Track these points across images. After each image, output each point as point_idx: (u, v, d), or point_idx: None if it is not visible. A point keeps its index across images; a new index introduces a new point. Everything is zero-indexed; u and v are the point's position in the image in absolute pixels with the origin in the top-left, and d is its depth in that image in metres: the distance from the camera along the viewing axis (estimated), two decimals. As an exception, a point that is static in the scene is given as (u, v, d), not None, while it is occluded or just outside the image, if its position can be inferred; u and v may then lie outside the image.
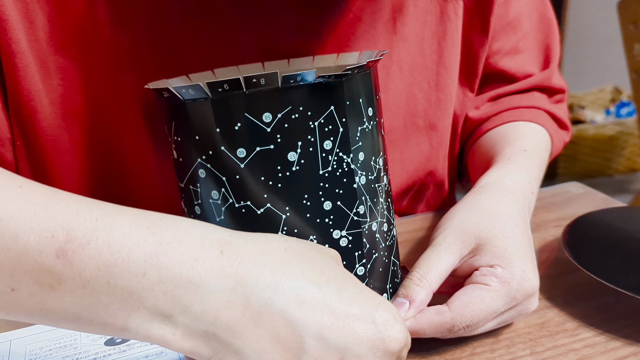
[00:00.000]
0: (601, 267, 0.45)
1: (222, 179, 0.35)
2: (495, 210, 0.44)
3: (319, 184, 0.35)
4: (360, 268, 0.38)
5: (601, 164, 2.53)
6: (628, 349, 0.41)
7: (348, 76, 0.35)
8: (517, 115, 0.61)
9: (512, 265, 0.40)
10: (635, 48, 1.38)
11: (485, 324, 0.40)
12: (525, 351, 0.41)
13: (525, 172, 0.51)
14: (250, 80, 0.32)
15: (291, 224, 0.35)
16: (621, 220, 0.54)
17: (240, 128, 0.33)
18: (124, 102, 0.45)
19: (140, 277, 0.28)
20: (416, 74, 0.54)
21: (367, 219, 0.37)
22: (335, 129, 0.35)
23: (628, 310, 0.45)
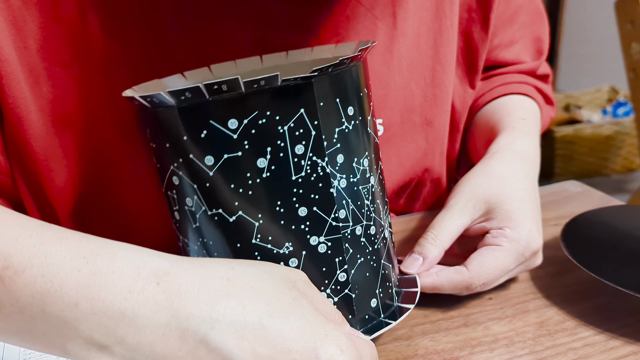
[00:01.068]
0: (600, 266, 0.44)
1: (193, 186, 0.34)
2: (505, 175, 0.48)
3: (292, 190, 0.34)
4: (342, 274, 0.37)
5: (598, 163, 2.53)
6: (628, 347, 0.40)
7: (319, 76, 0.33)
8: (509, 89, 0.63)
9: (520, 226, 0.44)
10: (633, 47, 1.38)
11: (498, 280, 0.44)
12: (524, 350, 0.40)
13: (530, 138, 0.55)
14: (212, 87, 0.31)
15: (265, 231, 0.34)
16: (620, 218, 0.54)
17: (206, 136, 0.33)
18: (117, 107, 0.45)
19: (73, 307, 0.28)
20: (413, 70, 0.54)
21: (349, 223, 0.36)
22: (306, 133, 0.33)
23: (628, 309, 0.45)
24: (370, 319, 0.39)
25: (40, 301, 0.28)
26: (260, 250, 0.35)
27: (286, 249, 0.35)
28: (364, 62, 0.38)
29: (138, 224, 0.48)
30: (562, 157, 2.48)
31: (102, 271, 0.29)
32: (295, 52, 0.44)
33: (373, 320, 0.39)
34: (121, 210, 0.48)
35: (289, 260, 0.35)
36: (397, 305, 0.41)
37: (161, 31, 0.44)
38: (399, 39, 0.53)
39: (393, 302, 0.41)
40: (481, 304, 0.46)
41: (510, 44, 0.65)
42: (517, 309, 0.45)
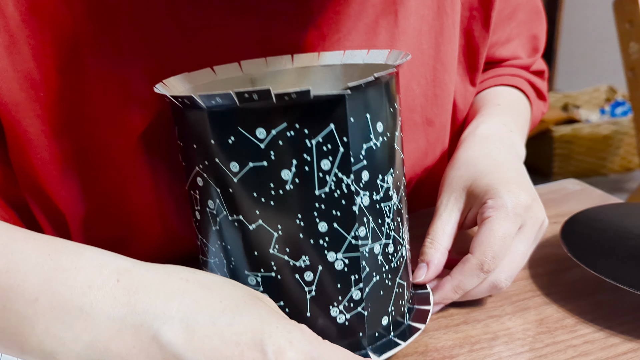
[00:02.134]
0: (600, 263, 0.44)
1: (216, 190, 0.34)
2: (471, 158, 0.49)
3: (314, 204, 0.34)
4: (357, 292, 0.36)
5: (596, 163, 2.54)
6: (628, 345, 0.40)
7: (352, 92, 0.33)
8: (499, 80, 0.64)
9: (497, 192, 0.44)
10: (631, 46, 1.38)
11: (510, 250, 0.43)
12: (524, 347, 0.40)
13: (498, 118, 0.56)
14: (243, 95, 0.31)
15: (283, 242, 0.34)
16: (618, 216, 0.54)
17: (233, 142, 0.32)
18: (113, 110, 0.44)
19: (33, 302, 0.29)
20: (414, 69, 0.54)
21: (368, 242, 0.36)
22: (334, 149, 0.33)
23: (627, 306, 0.45)
24: (379, 336, 0.39)
25: (2, 296, 0.28)
26: (276, 260, 0.35)
27: (303, 262, 0.35)
28: (397, 75, 0.37)
29: (138, 224, 0.48)
30: (560, 156, 2.49)
31: (64, 267, 0.29)
32: (302, 56, 0.44)
33: (382, 337, 0.39)
34: (122, 212, 0.48)
35: (304, 274, 0.35)
36: (408, 323, 0.41)
37: (156, 32, 0.44)
38: (400, 37, 0.52)
39: (404, 319, 0.41)
40: (481, 302, 0.46)
41: (507, 41, 0.65)
42: (517, 307, 0.45)
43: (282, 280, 0.35)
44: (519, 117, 0.60)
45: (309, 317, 0.36)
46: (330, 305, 0.36)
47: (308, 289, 0.35)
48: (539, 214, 0.45)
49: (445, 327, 0.43)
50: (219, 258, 0.37)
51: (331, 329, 0.37)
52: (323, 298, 0.36)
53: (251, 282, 0.36)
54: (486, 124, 0.55)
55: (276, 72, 0.44)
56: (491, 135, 0.53)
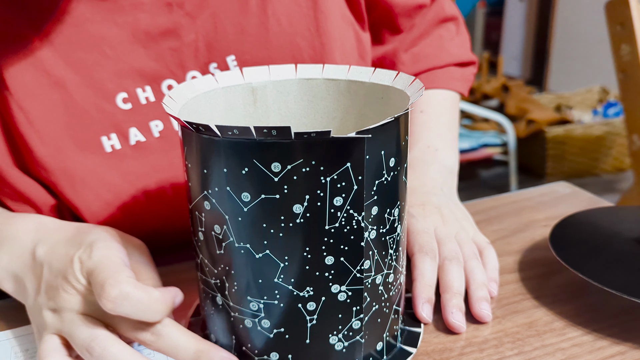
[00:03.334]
0: (589, 267, 0.45)
1: (225, 216, 0.34)
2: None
3: (323, 238, 0.34)
4: (357, 322, 0.37)
5: (589, 163, 2.55)
6: (615, 348, 0.41)
7: (373, 132, 0.33)
8: (425, 81, 0.65)
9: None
10: (623, 48, 1.39)
11: (440, 234, 0.49)
12: (513, 351, 0.41)
13: (422, 142, 0.60)
14: (262, 130, 0.31)
15: (288, 272, 0.35)
16: (608, 220, 0.54)
17: (247, 173, 0.33)
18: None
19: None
20: (295, 23, 0.53)
21: (371, 273, 0.36)
22: (348, 186, 0.33)
23: (615, 310, 0.45)
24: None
25: None
26: (280, 289, 0.35)
27: (306, 293, 0.35)
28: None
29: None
30: (553, 157, 2.50)
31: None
32: (305, 67, 0.44)
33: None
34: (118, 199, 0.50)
35: (307, 304, 0.35)
36: (400, 346, 0.41)
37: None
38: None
39: (397, 342, 0.41)
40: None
41: None
42: (507, 310, 0.46)
43: (284, 308, 0.36)
44: (441, 117, 0.63)
45: (308, 343, 0.36)
46: (330, 334, 0.37)
47: (309, 318, 0.36)
48: (434, 199, 0.53)
49: (435, 330, 0.44)
50: (220, 281, 0.37)
51: (329, 355, 0.37)
52: (324, 327, 0.36)
53: (253, 308, 0.36)
54: (411, 150, 0.59)
55: (278, 82, 0.44)
56: (413, 162, 0.59)
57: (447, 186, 0.58)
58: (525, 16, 3.91)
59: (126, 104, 0.48)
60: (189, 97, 0.40)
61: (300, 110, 0.45)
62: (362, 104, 0.43)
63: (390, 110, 0.41)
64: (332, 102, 0.44)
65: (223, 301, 0.38)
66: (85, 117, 0.47)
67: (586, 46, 3.33)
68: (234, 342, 0.38)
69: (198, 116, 0.41)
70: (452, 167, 0.60)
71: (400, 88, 0.40)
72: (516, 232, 0.58)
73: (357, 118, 0.44)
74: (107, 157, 0.48)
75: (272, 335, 0.36)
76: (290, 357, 0.37)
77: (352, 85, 0.43)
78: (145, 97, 0.49)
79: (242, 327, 0.37)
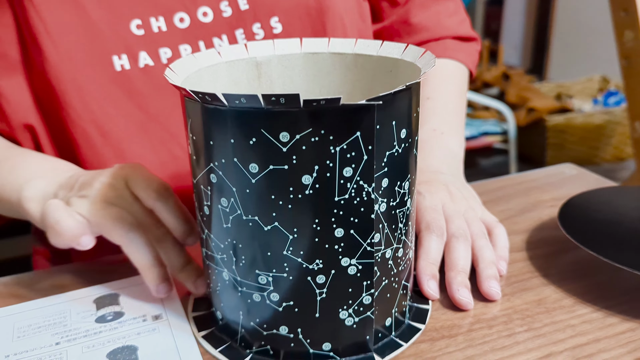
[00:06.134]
0: (598, 244, 0.44)
1: (232, 189, 0.34)
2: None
3: (332, 210, 0.33)
4: (367, 297, 0.36)
5: (589, 152, 2.55)
6: (625, 324, 0.41)
7: (383, 100, 0.32)
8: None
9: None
10: (626, 35, 1.38)
11: (448, 210, 0.48)
12: (522, 327, 0.40)
13: (428, 125, 0.59)
14: (269, 98, 0.30)
15: (298, 245, 0.34)
16: (615, 199, 0.54)
17: (255, 143, 0.32)
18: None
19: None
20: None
21: (381, 247, 0.36)
22: (358, 156, 0.32)
23: (625, 287, 0.45)
24: (382, 336, 0.39)
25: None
26: (289, 262, 0.34)
27: (316, 265, 0.34)
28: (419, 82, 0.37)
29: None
30: (554, 145, 2.49)
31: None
32: (311, 40, 0.43)
33: (384, 337, 0.39)
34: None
35: (317, 277, 0.35)
36: (407, 322, 0.41)
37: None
38: None
39: (404, 318, 0.41)
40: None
41: None
42: (515, 287, 0.45)
43: (293, 281, 0.35)
44: (448, 104, 0.62)
45: (317, 317, 0.36)
46: (340, 309, 0.36)
47: (319, 292, 0.35)
48: (441, 177, 0.52)
49: (444, 307, 0.43)
50: (227, 255, 0.36)
51: (339, 330, 0.37)
52: (333, 301, 0.36)
53: (261, 281, 0.35)
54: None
55: (283, 56, 0.43)
56: (419, 145, 0.57)
57: (455, 167, 0.57)
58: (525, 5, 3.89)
59: (139, 30, 0.51)
60: (192, 70, 0.39)
61: (306, 85, 0.44)
62: (369, 78, 0.43)
63: (400, 84, 0.40)
64: (339, 76, 0.44)
65: (230, 276, 0.37)
66: (99, 35, 0.50)
67: (587, 35, 3.32)
68: (242, 318, 0.38)
69: (201, 89, 0.40)
70: (457, 151, 0.59)
71: (410, 60, 0.39)
72: (523, 212, 0.58)
73: (365, 93, 0.43)
74: (115, 75, 0.51)
75: (281, 308, 0.36)
76: (299, 331, 0.36)
77: (359, 59, 0.42)
78: (157, 27, 0.52)
79: (250, 302, 0.37)
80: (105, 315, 0.43)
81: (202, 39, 0.53)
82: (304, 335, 0.37)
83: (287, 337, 0.37)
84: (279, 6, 0.54)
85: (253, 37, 0.54)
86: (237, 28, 0.54)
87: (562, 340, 0.39)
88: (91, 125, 0.52)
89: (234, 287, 0.37)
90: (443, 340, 0.40)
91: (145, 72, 0.52)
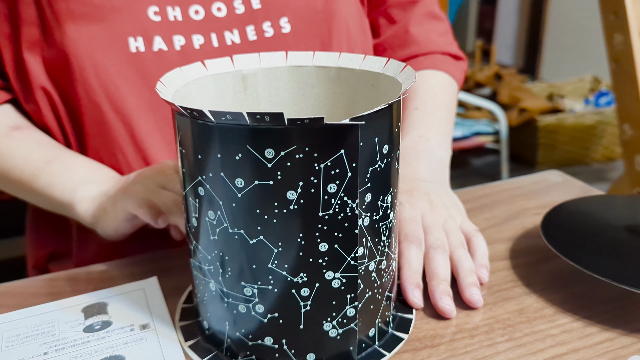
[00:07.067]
0: (579, 255, 0.45)
1: (219, 202, 0.34)
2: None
3: (316, 225, 0.34)
4: (351, 310, 0.37)
5: (580, 152, 2.57)
6: (604, 334, 0.41)
7: (366, 119, 0.32)
8: (415, 65, 0.68)
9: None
10: (615, 38, 1.39)
11: (428, 221, 0.49)
12: (503, 337, 0.41)
13: (415, 131, 0.61)
14: (255, 116, 0.31)
15: (282, 258, 0.35)
16: (599, 208, 0.55)
17: (240, 159, 0.32)
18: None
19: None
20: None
21: (365, 260, 0.36)
22: (342, 173, 0.33)
23: (605, 297, 0.46)
24: (366, 346, 0.39)
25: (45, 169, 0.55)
26: (274, 275, 0.35)
27: (300, 279, 0.35)
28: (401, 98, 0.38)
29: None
30: (545, 146, 2.51)
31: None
32: (296, 54, 0.44)
33: (368, 347, 0.40)
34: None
35: (301, 290, 0.35)
36: (391, 332, 0.42)
37: None
38: None
39: (388, 328, 0.41)
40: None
41: None
42: (498, 297, 0.46)
43: (278, 294, 0.36)
44: (436, 114, 0.63)
45: (302, 329, 0.37)
46: (324, 321, 0.37)
47: (303, 304, 0.36)
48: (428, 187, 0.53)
49: (427, 316, 0.44)
50: (214, 266, 0.37)
51: (323, 341, 0.37)
52: (318, 313, 0.36)
53: (247, 293, 0.36)
54: (403, 140, 0.60)
55: (268, 69, 0.44)
56: (405, 151, 0.59)
57: (440, 173, 0.58)
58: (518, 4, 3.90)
59: (156, 16, 0.54)
60: (180, 84, 0.40)
61: (291, 98, 0.45)
62: (352, 91, 0.43)
63: (381, 98, 0.41)
64: (323, 89, 0.44)
65: (217, 287, 0.38)
66: (116, 16, 0.53)
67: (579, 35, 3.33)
68: (228, 328, 0.38)
69: (189, 103, 0.41)
70: (443, 157, 0.60)
71: (391, 75, 0.40)
72: (508, 219, 0.58)
73: (348, 105, 0.44)
74: (130, 56, 0.54)
75: (267, 320, 0.37)
76: (284, 341, 0.37)
77: (343, 72, 0.43)
78: (173, 15, 0.55)
79: (236, 313, 0.37)
80: (93, 324, 0.43)
81: (214, 32, 0.56)
82: (288, 346, 0.37)
83: (272, 347, 0.37)
84: (289, 7, 0.58)
85: (263, 34, 0.57)
86: (249, 24, 0.57)
87: (542, 350, 0.40)
88: (105, 101, 0.54)
89: (221, 298, 0.38)
90: (425, 350, 0.40)
91: (158, 55, 0.54)
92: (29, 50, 0.54)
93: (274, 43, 0.58)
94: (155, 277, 0.49)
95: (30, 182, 0.54)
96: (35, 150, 0.55)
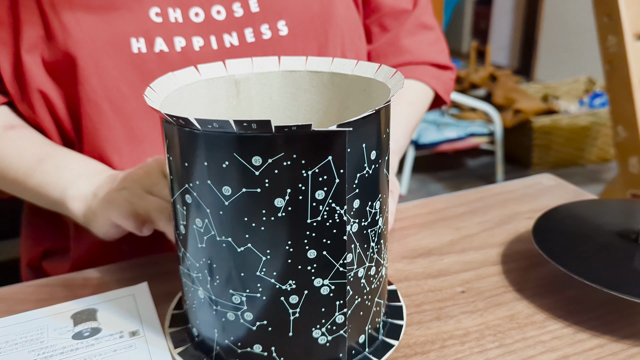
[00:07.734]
0: (570, 260, 0.45)
1: (206, 210, 0.34)
2: None
3: (305, 232, 0.34)
4: (340, 316, 0.37)
5: (574, 153, 2.57)
6: (594, 340, 0.41)
7: (354, 125, 0.32)
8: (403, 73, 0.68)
9: None
10: (609, 40, 1.39)
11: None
12: (494, 343, 0.41)
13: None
14: (241, 124, 0.30)
15: (271, 266, 0.34)
16: (591, 213, 0.55)
17: (227, 166, 0.32)
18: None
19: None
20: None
21: (353, 267, 0.36)
22: (330, 180, 0.33)
23: (595, 303, 0.46)
24: (356, 353, 0.39)
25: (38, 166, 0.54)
26: (263, 282, 0.35)
27: (289, 286, 0.35)
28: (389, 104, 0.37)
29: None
30: (540, 147, 2.51)
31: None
32: (289, 59, 0.44)
33: (358, 354, 0.39)
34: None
35: (290, 297, 0.35)
36: (382, 339, 0.41)
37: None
38: None
39: (378, 335, 0.41)
40: (454, 297, 0.47)
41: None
42: (489, 302, 0.46)
43: (267, 301, 0.35)
44: (400, 125, 0.63)
45: (291, 336, 0.36)
46: (313, 328, 0.36)
47: (292, 311, 0.36)
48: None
49: (417, 323, 0.44)
50: (202, 274, 0.37)
51: (312, 349, 0.37)
52: (307, 320, 0.36)
53: (235, 301, 0.36)
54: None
55: (261, 74, 0.44)
56: None
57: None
58: (514, 5, 3.91)
59: (158, 18, 0.55)
60: (172, 89, 0.40)
61: (284, 103, 0.45)
62: (344, 96, 0.43)
63: (373, 103, 0.41)
64: (316, 94, 0.44)
65: (205, 295, 0.37)
66: (119, 17, 0.53)
67: (574, 36, 3.34)
68: (217, 335, 0.38)
69: (181, 109, 0.40)
70: (392, 147, 0.60)
71: (382, 80, 0.40)
72: (500, 224, 0.58)
73: (340, 110, 0.44)
74: (132, 57, 0.54)
75: (255, 327, 0.36)
76: (273, 349, 0.37)
77: (335, 77, 0.43)
78: (174, 17, 0.55)
79: (224, 320, 0.37)
80: (82, 331, 0.43)
81: (214, 34, 0.56)
82: (277, 354, 0.37)
83: (261, 355, 0.37)
84: (287, 11, 0.58)
85: (261, 36, 0.58)
86: (247, 27, 0.57)
87: (532, 356, 0.40)
88: (105, 101, 0.54)
89: (209, 306, 0.38)
90: (416, 356, 0.40)
91: (160, 56, 0.55)
92: (28, 52, 0.54)
93: (271, 45, 0.58)
94: (145, 283, 0.49)
95: (25, 181, 0.54)
96: (28, 149, 0.55)
